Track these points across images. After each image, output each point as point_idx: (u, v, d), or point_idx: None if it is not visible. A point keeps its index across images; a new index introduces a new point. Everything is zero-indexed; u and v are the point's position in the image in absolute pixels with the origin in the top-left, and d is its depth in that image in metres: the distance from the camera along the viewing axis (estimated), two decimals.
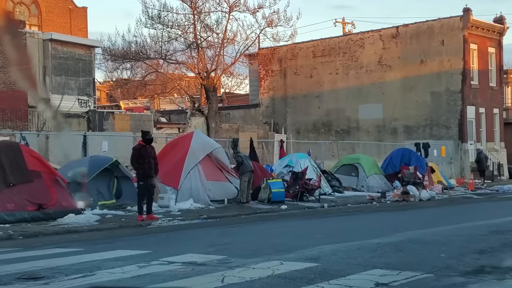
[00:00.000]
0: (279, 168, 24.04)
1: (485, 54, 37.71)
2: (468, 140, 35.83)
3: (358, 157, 27.12)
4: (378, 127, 38.23)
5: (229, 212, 17.79)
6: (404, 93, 37.11)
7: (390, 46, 37.92)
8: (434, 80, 36.15)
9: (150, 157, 15.57)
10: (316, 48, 41.08)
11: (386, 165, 27.78)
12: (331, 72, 40.17)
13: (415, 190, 23.57)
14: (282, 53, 41.58)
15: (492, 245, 9.71)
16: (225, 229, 13.54)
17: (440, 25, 36.38)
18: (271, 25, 35.52)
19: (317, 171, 23.94)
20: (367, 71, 38.65)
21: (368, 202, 22.21)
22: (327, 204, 20.60)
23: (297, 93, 41.55)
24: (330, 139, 36.18)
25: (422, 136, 35.57)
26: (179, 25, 34.59)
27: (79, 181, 15.69)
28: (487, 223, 12.85)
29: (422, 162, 27.23)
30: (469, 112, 35.95)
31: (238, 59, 38.48)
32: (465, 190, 28.13)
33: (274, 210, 18.73)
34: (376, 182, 26.09)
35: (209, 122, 34.08)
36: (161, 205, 17.69)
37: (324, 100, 40.40)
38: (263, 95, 43.53)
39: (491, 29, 37.66)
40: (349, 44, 39.73)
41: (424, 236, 10.75)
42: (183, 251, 9.39)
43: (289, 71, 42.02)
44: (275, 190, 20.48)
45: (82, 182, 15.67)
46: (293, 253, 9.14)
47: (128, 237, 12.31)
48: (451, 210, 18.51)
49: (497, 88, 39.05)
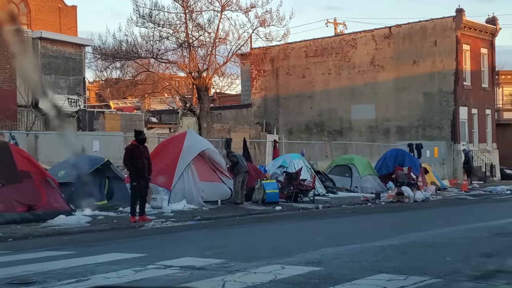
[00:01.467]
0: (272, 169, 23.77)
1: (478, 55, 37.63)
2: (461, 141, 35.72)
3: (352, 157, 26.90)
4: (371, 128, 38.04)
5: (223, 213, 17.52)
6: (396, 94, 36.95)
7: (383, 47, 37.75)
8: (427, 80, 36.01)
9: (143, 157, 15.28)
10: (308, 48, 40.85)
11: (380, 166, 27.58)
12: (323, 72, 39.95)
13: (410, 191, 23.37)
14: (275, 53, 41.32)
15: (497, 248, 9.47)
16: (221, 231, 13.24)
17: (433, 26, 36.25)
18: (264, 24, 35.22)
19: (311, 172, 23.69)
20: (360, 72, 38.46)
21: (363, 203, 21.98)
22: (322, 205, 20.35)
23: (289, 93, 41.30)
24: (322, 139, 35.95)
25: (415, 136, 35.42)
26: (170, 24, 34.24)
27: (83, 182, 15.40)
28: (487, 225, 12.63)
29: (416, 163, 27.06)
30: (461, 112, 35.84)
31: (230, 58, 38.22)
32: (458, 191, 27.98)
33: (269, 211, 18.47)
34: (370, 183, 25.89)
35: (201, 122, 33.74)
36: (153, 206, 17.38)
37: (316, 100, 40.17)
38: (255, 95, 43.25)
39: (484, 29, 37.58)
40: (342, 44, 39.54)
41: (425, 239, 10.50)
42: (180, 254, 9.08)
43: (282, 71, 41.76)
44: (269, 191, 20.22)
45: (86, 183, 15.39)
46: (294, 256, 8.86)
47: (122, 239, 11.98)
48: (448, 211, 18.29)
49: (490, 89, 38.99)
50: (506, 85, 47.14)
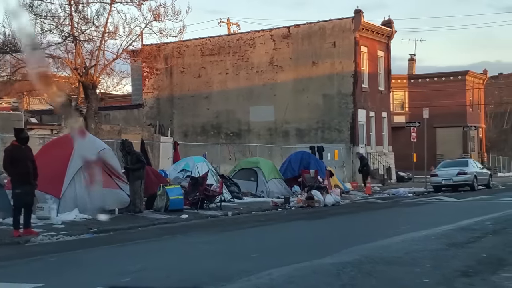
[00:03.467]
0: (174, 173, 21.73)
1: (375, 57, 37.50)
2: (359, 143, 35.34)
3: (258, 160, 25.36)
4: (270, 130, 36.81)
5: (123, 224, 15.39)
6: (296, 95, 35.97)
7: (282, 47, 36.68)
8: (326, 82, 35.33)
9: (26, 159, 12.93)
10: (204, 46, 39.03)
11: (285, 169, 26.28)
12: (220, 72, 38.28)
13: (320, 195, 22.16)
14: (169, 51, 39.11)
15: (469, 264, 8.15)
16: (128, 248, 11.10)
17: (331, 26, 35.64)
18: (158, 18, 33.06)
19: (217, 176, 21.89)
20: (258, 72, 37.16)
21: (273, 208, 20.51)
22: (231, 212, 18.63)
23: (184, 93, 39.22)
24: (219, 142, 34.22)
25: (314, 139, 34.57)
26: (53, 15, 31.21)
27: None
28: (431, 233, 11.41)
29: (321, 166, 26.03)
30: (360, 115, 35.47)
31: (121, 55, 35.78)
32: (362, 194, 27.28)
33: (174, 220, 16.51)
34: (275, 187, 24.51)
35: (88, 123, 30.94)
36: (40, 217, 14.90)
37: (213, 101, 38.39)
38: (147, 95, 40.79)
39: (380, 32, 37.53)
40: (239, 43, 38.07)
41: (380, 253, 9.01)
42: (89, 283, 6.96)
43: (176, 70, 39.61)
44: (173, 197, 18.24)
45: None
46: (238, 282, 7.04)
47: (5, 261, 9.58)
48: (372, 217, 17.12)
49: (386, 92, 39.03)
50: (396, 89, 47.89)
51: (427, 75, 52.51)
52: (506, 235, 11.30)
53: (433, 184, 29.62)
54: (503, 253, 9.03)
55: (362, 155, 32.38)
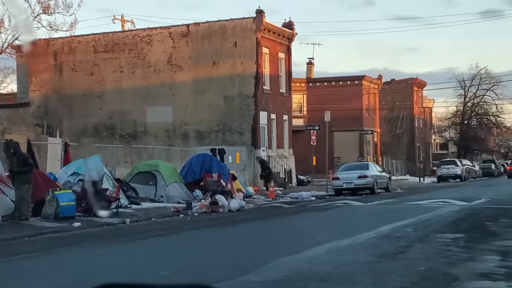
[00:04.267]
0: (64, 177, 19.85)
1: (276, 59, 36.91)
2: (261, 146, 34.57)
3: (157, 163, 23.82)
4: (168, 132, 35.22)
5: (7, 234, 13.69)
6: (195, 96, 34.63)
7: (181, 45, 35.23)
8: (227, 83, 34.28)
9: None
10: (97, 42, 36.82)
11: (186, 173, 24.93)
12: (115, 70, 36.23)
13: (224, 200, 21.03)
14: (58, 46, 36.62)
15: (411, 279, 7.27)
16: (14, 264, 9.38)
17: (233, 26, 34.65)
18: (48, 11, 30.81)
19: (113, 181, 20.20)
20: (156, 71, 35.49)
21: (174, 214, 19.16)
22: (129, 219, 17.12)
23: (75, 92, 36.76)
24: (114, 144, 32.23)
25: (215, 141, 33.36)
26: None
27: None
28: (356, 242, 10.54)
29: (224, 169, 24.94)
30: (261, 117, 34.70)
31: (5, 49, 33.10)
32: (266, 199, 26.42)
33: (66, 229, 14.85)
34: (176, 192, 23.11)
35: None
36: None
37: (107, 100, 36.25)
38: (34, 93, 37.95)
39: (282, 33, 36.99)
40: (135, 40, 36.22)
41: (309, 267, 7.97)
42: None
43: (66, 67, 37.09)
44: (64, 203, 16.48)
45: None
46: None
47: None
48: (282, 223, 16.18)
49: (287, 94, 38.55)
50: (295, 92, 47.70)
51: (325, 79, 52.85)
52: (432, 243, 10.65)
53: (335, 187, 29.33)
54: (441, 265, 8.25)
55: (262, 159, 31.62)
